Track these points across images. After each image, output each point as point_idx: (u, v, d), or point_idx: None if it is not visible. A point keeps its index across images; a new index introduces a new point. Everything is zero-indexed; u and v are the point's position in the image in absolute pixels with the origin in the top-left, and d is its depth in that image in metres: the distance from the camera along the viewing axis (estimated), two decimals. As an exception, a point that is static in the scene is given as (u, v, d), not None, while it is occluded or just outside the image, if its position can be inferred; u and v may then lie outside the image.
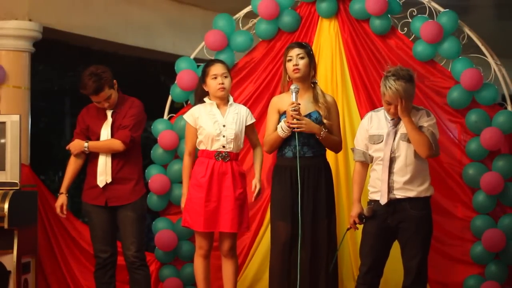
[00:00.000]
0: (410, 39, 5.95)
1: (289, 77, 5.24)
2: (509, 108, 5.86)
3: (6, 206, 5.49)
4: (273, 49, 6.13)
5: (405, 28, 5.96)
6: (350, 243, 5.84)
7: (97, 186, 5.26)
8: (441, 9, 5.91)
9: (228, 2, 6.79)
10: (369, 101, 5.91)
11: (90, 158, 5.35)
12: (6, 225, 5.49)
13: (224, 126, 5.27)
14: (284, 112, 5.16)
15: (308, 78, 5.23)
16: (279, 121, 5.20)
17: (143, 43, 7.58)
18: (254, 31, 6.16)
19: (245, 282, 5.94)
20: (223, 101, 5.33)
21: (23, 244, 5.65)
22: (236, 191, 5.24)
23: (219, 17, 6.17)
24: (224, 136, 5.26)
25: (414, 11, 5.91)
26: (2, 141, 5.74)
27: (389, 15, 5.94)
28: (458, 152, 5.84)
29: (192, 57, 6.22)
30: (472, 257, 5.73)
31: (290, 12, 6.08)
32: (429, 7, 5.93)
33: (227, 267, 5.34)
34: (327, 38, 6.07)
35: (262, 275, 5.93)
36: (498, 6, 8.08)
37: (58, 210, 5.33)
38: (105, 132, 5.29)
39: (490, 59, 5.94)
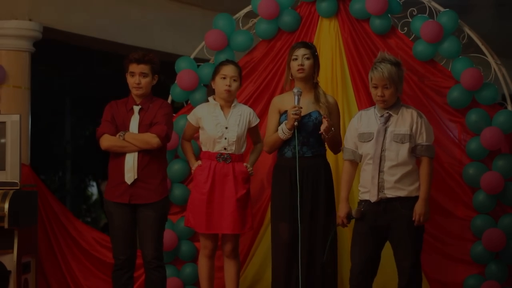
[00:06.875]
0: (410, 39, 5.96)
1: (291, 76, 5.24)
2: (509, 107, 5.86)
3: (6, 206, 5.48)
4: (273, 49, 6.13)
5: (405, 28, 5.96)
6: (350, 244, 5.83)
7: (123, 183, 5.11)
8: (441, 9, 5.92)
9: (228, 2, 6.79)
10: (369, 101, 5.90)
11: (114, 155, 5.18)
12: (6, 225, 5.48)
13: (226, 128, 5.27)
14: (285, 112, 5.16)
15: (311, 79, 5.25)
16: (279, 122, 5.20)
17: (143, 43, 7.56)
18: (254, 31, 6.16)
19: (245, 281, 5.94)
20: (228, 102, 5.34)
21: (23, 244, 5.64)
22: (237, 193, 5.24)
23: (219, 16, 6.17)
24: (226, 138, 5.27)
25: (414, 10, 5.91)
26: (2, 141, 5.74)
27: (389, 15, 5.94)
28: (458, 151, 5.84)
29: (192, 57, 6.22)
30: (472, 256, 5.73)
31: (290, 11, 6.08)
32: (429, 6, 5.93)
33: (230, 268, 5.35)
34: (327, 37, 6.07)
35: (262, 274, 5.93)
36: (498, 6, 8.07)
37: None
38: (135, 124, 5.16)
39: (490, 59, 5.94)
